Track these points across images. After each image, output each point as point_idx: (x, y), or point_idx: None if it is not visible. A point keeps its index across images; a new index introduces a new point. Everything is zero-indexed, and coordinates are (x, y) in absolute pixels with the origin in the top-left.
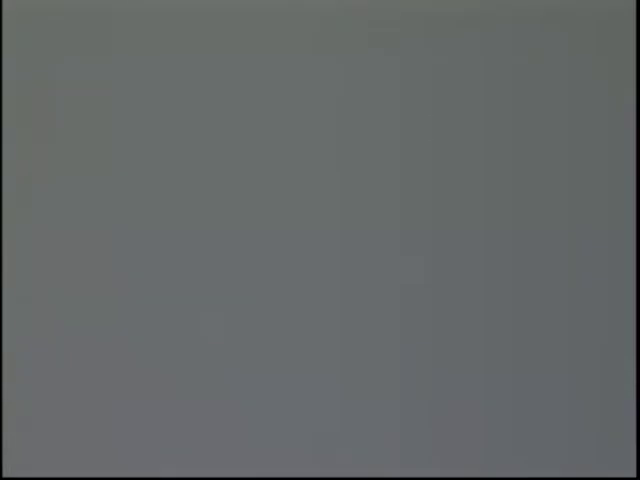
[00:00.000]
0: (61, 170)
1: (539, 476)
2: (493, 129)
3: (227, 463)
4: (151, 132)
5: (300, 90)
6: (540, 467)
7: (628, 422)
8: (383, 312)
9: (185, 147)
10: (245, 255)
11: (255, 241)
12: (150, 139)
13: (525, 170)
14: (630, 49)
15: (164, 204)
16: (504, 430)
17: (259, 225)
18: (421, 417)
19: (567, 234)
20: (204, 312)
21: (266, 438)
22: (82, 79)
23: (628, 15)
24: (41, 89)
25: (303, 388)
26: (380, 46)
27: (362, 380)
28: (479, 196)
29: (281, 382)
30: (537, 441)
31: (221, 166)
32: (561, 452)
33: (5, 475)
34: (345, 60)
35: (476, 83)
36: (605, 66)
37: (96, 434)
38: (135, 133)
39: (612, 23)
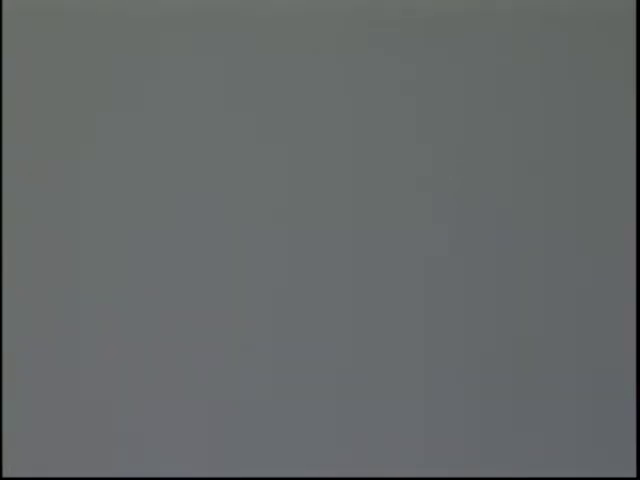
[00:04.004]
0: (61, 171)
1: (539, 476)
2: (493, 129)
3: (227, 463)
4: (153, 133)
5: (300, 91)
6: (540, 467)
7: (628, 422)
8: (383, 313)
9: (187, 148)
10: (248, 252)
11: (261, 236)
12: (152, 140)
13: (525, 170)
14: (630, 49)
15: (166, 205)
16: (504, 429)
17: (262, 221)
18: (420, 417)
19: (567, 234)
20: (205, 311)
21: (266, 438)
22: (82, 79)
23: (628, 15)
24: (41, 89)
25: (304, 387)
26: (380, 46)
27: (362, 380)
28: (479, 195)
29: (282, 381)
30: (537, 441)
31: (221, 167)
32: (561, 452)
33: (5, 475)
34: (345, 60)
35: (476, 83)
36: (605, 66)
37: (96, 434)
38: (136, 134)
39: (612, 23)
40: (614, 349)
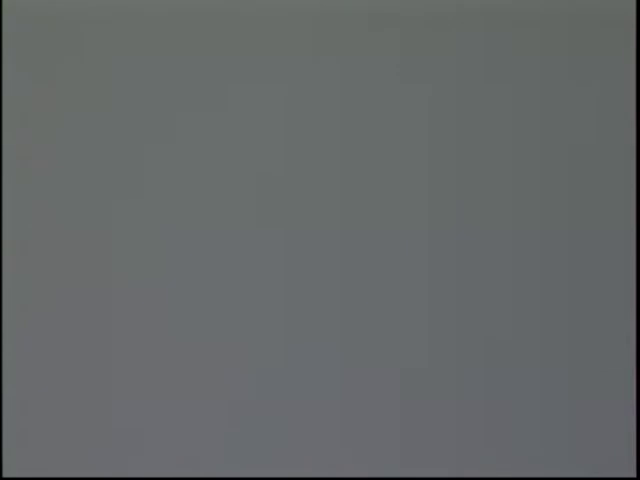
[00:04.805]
0: (62, 172)
1: (539, 476)
2: (493, 129)
3: (227, 463)
4: (153, 134)
5: (299, 91)
6: (540, 467)
7: (628, 422)
8: (383, 310)
9: (186, 149)
10: (245, 252)
11: (258, 238)
12: (152, 141)
13: (525, 170)
14: (630, 49)
15: (165, 206)
16: (504, 429)
17: (258, 224)
18: (419, 417)
19: (567, 234)
20: (205, 311)
21: (266, 438)
22: (82, 80)
23: (628, 15)
24: (41, 89)
25: (303, 387)
26: (380, 46)
27: (362, 380)
28: (479, 195)
29: (281, 381)
30: (537, 441)
31: (221, 168)
32: (561, 452)
33: (5, 475)
34: (344, 61)
35: (476, 83)
36: (605, 66)
37: (96, 434)
38: (136, 134)
39: (612, 23)
40: (614, 349)
